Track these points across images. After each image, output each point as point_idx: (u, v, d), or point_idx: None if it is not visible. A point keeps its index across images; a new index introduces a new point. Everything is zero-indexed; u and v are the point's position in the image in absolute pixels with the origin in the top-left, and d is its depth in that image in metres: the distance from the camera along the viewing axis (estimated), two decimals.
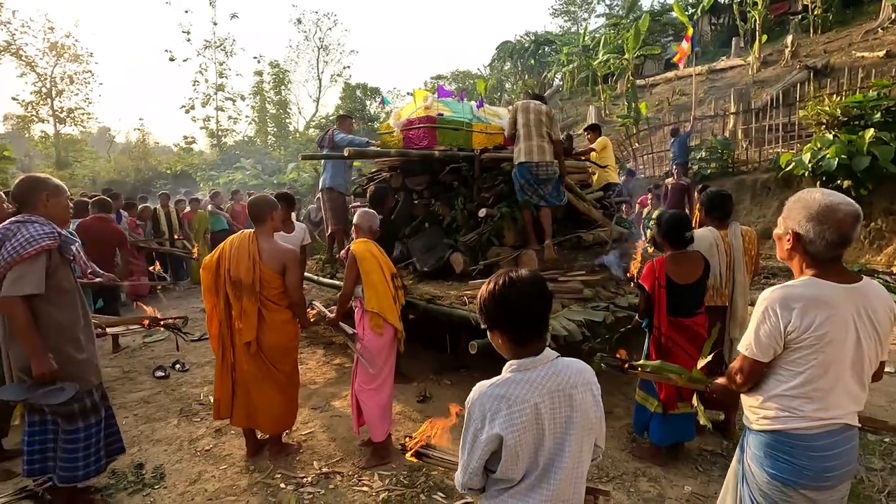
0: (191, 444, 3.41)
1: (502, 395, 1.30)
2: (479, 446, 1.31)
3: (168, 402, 4.12)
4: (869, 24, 16.37)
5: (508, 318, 1.35)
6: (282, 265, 2.95)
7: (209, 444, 3.40)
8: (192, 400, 4.15)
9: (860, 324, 1.51)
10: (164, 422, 3.76)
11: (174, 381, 4.58)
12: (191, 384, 4.51)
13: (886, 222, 8.25)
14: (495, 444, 1.29)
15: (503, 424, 1.27)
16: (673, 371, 2.11)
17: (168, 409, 3.98)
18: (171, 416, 3.85)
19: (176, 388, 4.42)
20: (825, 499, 1.57)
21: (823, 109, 8.93)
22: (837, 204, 1.49)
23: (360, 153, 4.97)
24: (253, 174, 22.50)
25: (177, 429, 3.65)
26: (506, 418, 1.27)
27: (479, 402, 1.32)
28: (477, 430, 1.32)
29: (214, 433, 3.56)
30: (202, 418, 3.81)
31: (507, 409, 1.28)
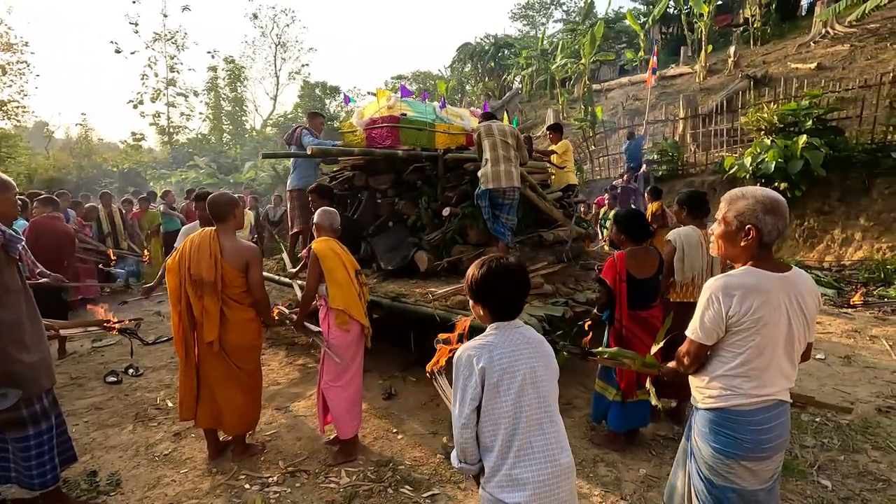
0: (148, 450, 3.30)
1: (485, 343, 1.60)
2: (469, 390, 1.56)
3: (122, 408, 3.96)
4: (802, 38, 17.59)
5: (494, 295, 1.63)
6: (244, 263, 2.91)
7: (168, 449, 3.31)
8: (147, 404, 4.01)
9: (791, 308, 1.67)
10: (119, 428, 3.62)
11: (128, 387, 4.40)
12: (146, 389, 4.35)
13: (818, 222, 8.90)
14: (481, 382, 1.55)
15: (488, 361, 1.56)
16: (629, 357, 2.25)
17: (122, 415, 3.83)
18: (125, 422, 3.71)
19: (130, 394, 4.25)
20: (762, 468, 1.72)
21: (762, 116, 9.54)
22: (778, 197, 1.68)
23: (324, 152, 4.93)
24: (208, 173, 21.73)
25: (132, 434, 3.52)
26: (488, 359, 1.56)
27: (465, 354, 1.60)
28: (466, 378, 1.57)
29: (173, 437, 3.46)
30: (159, 423, 3.69)
31: (488, 353, 1.57)
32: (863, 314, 6.05)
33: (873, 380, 4.19)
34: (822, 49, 16.05)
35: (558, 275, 4.86)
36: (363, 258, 5.10)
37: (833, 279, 7.50)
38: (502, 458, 1.55)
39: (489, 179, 4.28)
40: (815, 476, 2.84)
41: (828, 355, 4.74)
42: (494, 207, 4.35)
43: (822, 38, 16.62)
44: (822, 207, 8.90)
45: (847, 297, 6.72)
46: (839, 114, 9.53)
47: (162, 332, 6.00)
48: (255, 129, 34.23)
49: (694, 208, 3.41)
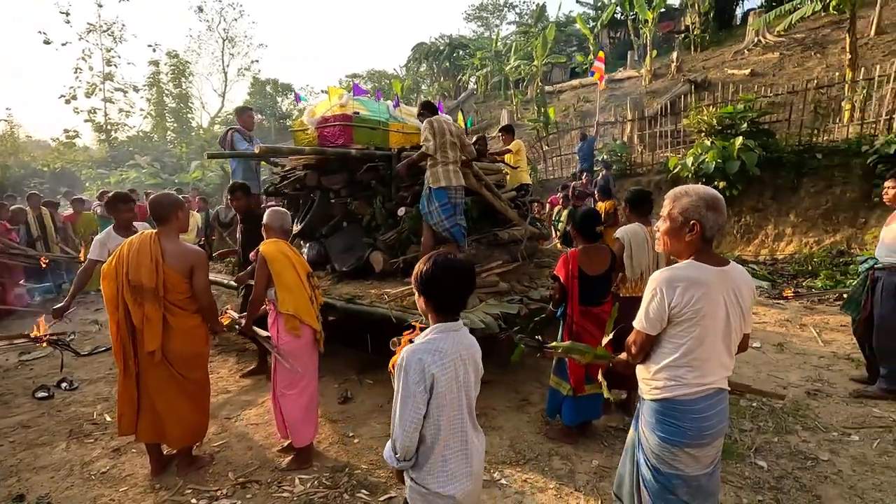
0: (83, 468, 3.09)
1: (435, 349, 1.60)
2: (419, 394, 1.56)
3: (53, 425, 3.68)
4: (737, 46, 18.69)
5: (440, 290, 1.64)
6: (188, 267, 2.77)
7: (106, 466, 3.10)
8: (83, 420, 3.75)
9: (729, 301, 1.75)
10: (50, 447, 3.36)
11: (60, 402, 4.10)
12: (81, 403, 4.07)
13: (753, 218, 9.48)
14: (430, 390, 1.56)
15: (437, 372, 1.56)
16: (581, 350, 2.31)
17: (54, 433, 3.56)
18: (57, 440, 3.45)
19: (63, 409, 3.95)
20: (704, 454, 1.81)
21: (702, 119, 10.07)
22: (717, 194, 1.77)
23: (274, 150, 4.78)
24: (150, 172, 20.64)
25: (66, 453, 3.28)
26: (439, 367, 1.57)
27: (416, 359, 1.58)
28: (416, 383, 1.56)
29: (112, 453, 3.25)
30: (97, 439, 3.46)
31: (439, 360, 1.58)
32: (794, 304, 6.49)
33: (803, 365, 4.49)
34: (756, 56, 17.12)
35: (513, 273, 4.93)
36: (314, 259, 4.99)
37: (767, 272, 8.00)
38: (439, 455, 1.62)
39: (440, 178, 4.18)
40: (753, 458, 3.02)
41: (763, 344, 5.04)
42: (446, 208, 4.26)
43: (755, 47, 17.73)
44: (757, 205, 9.48)
45: (780, 289, 7.19)
46: (770, 117, 10.19)
47: (100, 341, 5.64)
48: (203, 126, 32.82)
49: (638, 206, 3.54)
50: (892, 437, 3.20)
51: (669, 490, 1.82)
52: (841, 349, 4.80)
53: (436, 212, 4.19)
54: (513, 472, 2.95)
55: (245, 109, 5.80)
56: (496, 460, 3.08)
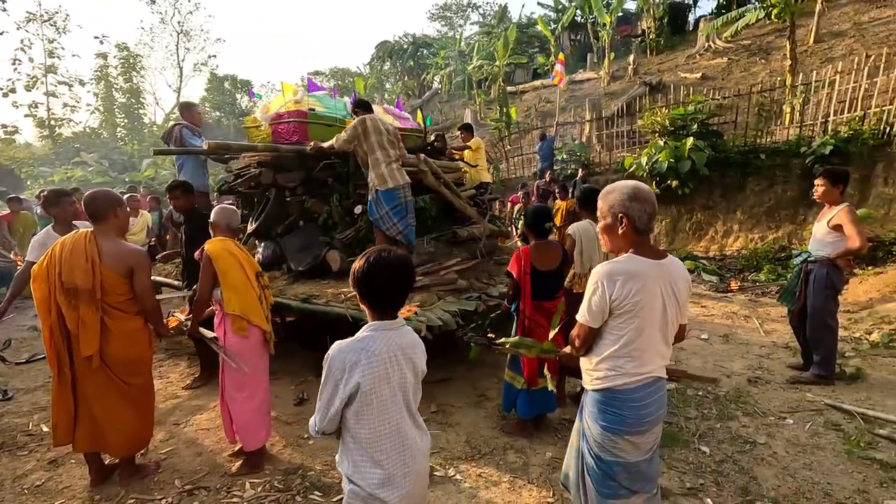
0: (16, 482, 2.91)
1: (362, 347, 1.57)
2: (339, 394, 1.55)
3: None
4: (690, 51, 19.45)
5: (375, 288, 1.62)
6: (128, 268, 2.65)
7: (41, 479, 2.94)
8: (17, 431, 3.53)
9: (665, 292, 1.82)
10: None
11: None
12: (16, 414, 3.83)
13: (704, 216, 9.89)
14: (354, 387, 1.54)
15: (362, 373, 1.54)
16: (529, 345, 2.35)
17: None
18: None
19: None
20: (643, 441, 1.87)
21: (656, 120, 10.42)
22: (641, 185, 1.84)
23: (224, 147, 4.63)
24: (98, 170, 19.65)
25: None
26: (365, 367, 1.54)
27: (340, 356, 1.56)
28: (338, 381, 1.56)
29: (48, 465, 3.07)
30: (31, 451, 3.26)
31: (366, 359, 1.55)
32: (740, 297, 6.82)
33: (746, 354, 4.72)
34: (706, 61, 17.87)
35: (472, 270, 4.97)
36: (269, 258, 4.88)
37: (716, 267, 8.38)
38: (373, 456, 1.60)
39: (387, 179, 4.08)
40: (697, 444, 3.15)
41: (711, 335, 5.27)
42: (398, 210, 4.14)
43: (706, 52, 18.50)
44: (707, 203, 9.89)
45: (727, 282, 7.53)
46: (719, 119, 10.66)
47: (38, 348, 5.32)
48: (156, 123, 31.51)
49: (588, 204, 3.63)
50: (822, 419, 3.41)
51: (611, 477, 1.88)
52: (780, 339, 5.08)
53: (387, 216, 4.10)
54: (468, 468, 2.97)
55: (191, 105, 5.59)
56: (452, 456, 3.10)
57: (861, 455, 2.94)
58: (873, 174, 8.22)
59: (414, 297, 4.05)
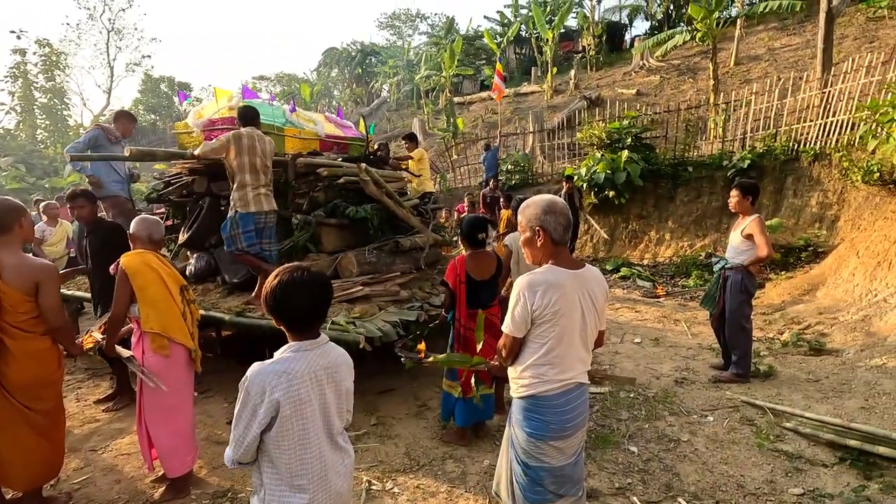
0: None
1: (283, 370, 1.49)
2: (258, 419, 1.46)
3: None
4: (626, 68, 20.58)
5: (290, 310, 1.54)
6: (32, 284, 2.44)
7: None
8: None
9: (584, 301, 1.90)
10: None
11: None
12: None
13: (638, 224, 10.42)
14: (273, 411, 1.46)
15: (282, 396, 1.46)
16: (458, 360, 2.39)
17: None
18: None
19: None
20: (567, 445, 1.93)
21: (594, 133, 10.91)
22: (554, 199, 1.92)
23: (148, 154, 4.40)
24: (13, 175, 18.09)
25: None
26: (286, 390, 1.47)
27: (259, 380, 1.47)
28: (256, 405, 1.47)
29: None
30: None
31: (287, 383, 1.48)
32: (669, 302, 7.22)
33: (674, 356, 5.00)
34: (641, 78, 18.95)
35: (415, 280, 4.98)
36: (202, 270, 4.67)
37: (650, 273, 8.83)
38: (292, 483, 1.53)
39: (250, 202, 3.88)
40: (626, 444, 3.29)
41: (643, 339, 5.54)
42: (249, 235, 3.95)
43: (641, 69, 19.62)
44: (642, 212, 10.44)
45: (655, 288, 7.95)
46: (651, 133, 11.30)
47: None
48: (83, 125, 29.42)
49: None
50: (738, 415, 3.65)
51: (538, 482, 1.93)
52: (705, 341, 5.41)
53: (238, 237, 3.91)
54: (406, 480, 2.95)
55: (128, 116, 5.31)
56: (390, 469, 3.07)
57: (770, 447, 3.18)
58: (784, 186, 8.98)
59: (355, 307, 4.00)
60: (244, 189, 3.91)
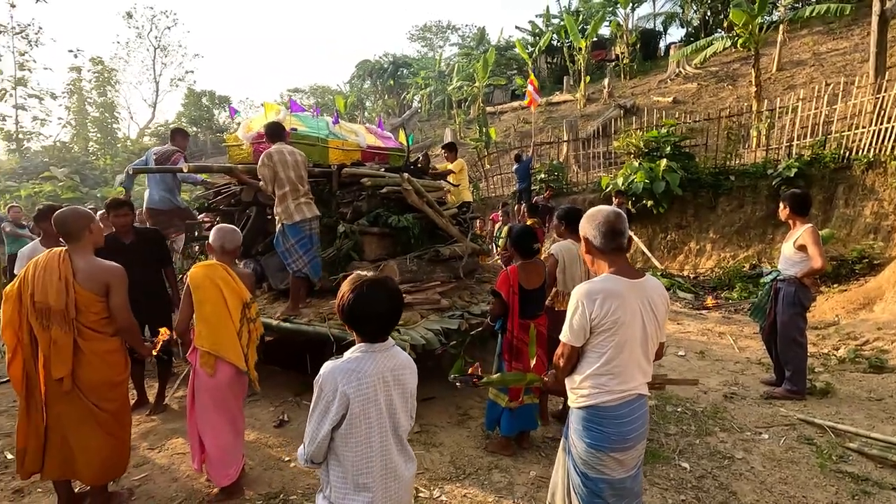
0: None
1: (353, 368, 1.55)
2: (330, 415, 1.52)
3: None
4: (661, 76, 20.22)
5: (364, 320, 1.60)
6: (103, 286, 2.58)
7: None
8: None
9: (644, 310, 1.88)
10: None
11: None
12: None
13: (678, 235, 10.18)
14: (344, 408, 1.52)
15: (353, 394, 1.52)
16: (513, 378, 2.39)
17: None
18: None
19: None
20: (627, 458, 1.91)
21: (631, 141, 10.76)
22: (602, 208, 1.95)
23: (203, 168, 4.60)
24: (68, 186, 19.10)
25: None
26: (356, 388, 1.53)
27: (332, 377, 1.54)
28: (329, 402, 1.53)
29: (13, 494, 2.93)
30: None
31: (356, 381, 1.53)
32: (713, 314, 7.00)
33: (721, 371, 4.84)
34: (677, 86, 18.58)
35: (455, 289, 5.00)
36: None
37: (691, 285, 8.60)
38: (357, 481, 1.57)
39: (293, 214, 4.04)
40: (677, 460, 3.20)
41: (687, 352, 5.39)
42: (304, 242, 4.10)
43: (677, 77, 19.25)
44: (681, 222, 10.20)
45: (702, 300, 7.73)
46: (690, 141, 11.06)
47: (2, 371, 5.09)
48: (130, 138, 30.92)
49: (571, 223, 3.71)
50: (795, 434, 3.50)
51: (597, 494, 1.90)
52: (754, 355, 5.22)
53: (293, 249, 4.07)
54: (452, 488, 2.95)
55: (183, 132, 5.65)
56: (437, 477, 3.08)
57: (833, 468, 3.03)
58: (835, 196, 8.62)
59: None
60: (286, 201, 4.06)
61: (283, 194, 4.02)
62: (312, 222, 4.21)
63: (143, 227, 4.74)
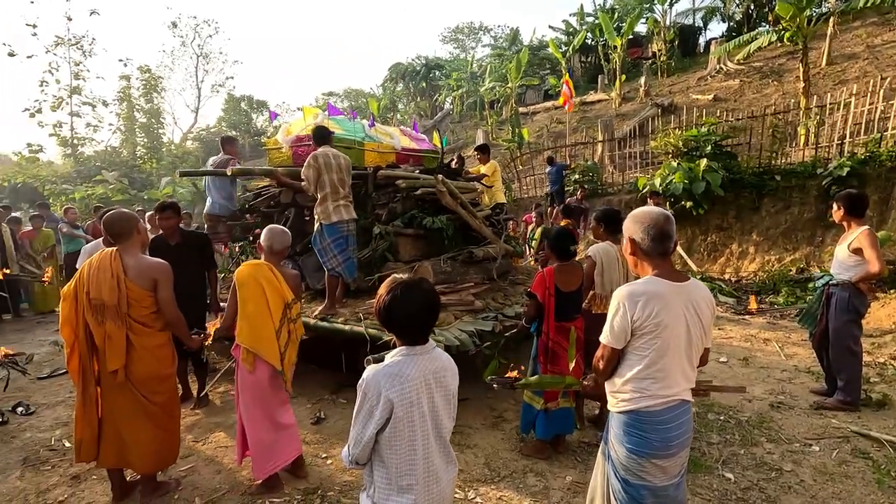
0: (39, 497, 2.94)
1: (396, 373, 1.56)
2: (374, 419, 1.53)
3: (7, 452, 3.50)
4: (701, 73, 19.58)
5: (402, 322, 1.60)
6: (152, 282, 2.71)
7: (63, 495, 2.96)
8: (39, 446, 3.58)
9: (688, 314, 1.83)
10: (3, 475, 3.19)
11: (15, 427, 3.90)
12: (38, 428, 3.88)
13: (718, 237, 9.82)
14: (388, 412, 1.53)
15: (396, 397, 1.53)
16: (552, 381, 2.36)
17: (7, 460, 3.38)
18: (11, 468, 3.28)
19: (18, 435, 3.77)
20: (671, 465, 1.85)
21: (669, 141, 10.46)
22: (651, 209, 1.91)
23: (246, 172, 4.77)
24: (118, 188, 20.07)
25: (20, 481, 3.12)
26: (399, 392, 1.53)
27: (375, 382, 1.55)
28: (373, 406, 1.54)
29: (70, 481, 3.10)
30: (54, 466, 3.30)
31: (399, 385, 1.54)
32: (757, 320, 6.72)
33: (767, 378, 4.64)
34: (718, 83, 17.95)
35: (488, 290, 4.99)
36: None
37: (733, 289, 8.28)
38: (401, 482, 1.58)
39: (331, 214, 4.16)
40: (720, 470, 3.09)
41: (729, 358, 5.20)
42: (339, 242, 4.21)
43: (718, 73, 18.60)
44: (722, 224, 9.84)
45: (745, 304, 7.43)
46: (732, 140, 10.66)
47: (59, 364, 5.40)
48: (174, 142, 32.23)
49: (610, 225, 3.64)
50: (849, 447, 3.33)
51: (638, 501, 1.86)
52: (802, 363, 4.99)
53: (328, 248, 4.19)
54: (487, 490, 2.95)
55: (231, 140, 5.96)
56: (471, 478, 3.07)
57: (892, 485, 2.86)
58: (892, 196, 8.13)
59: None
60: (325, 202, 4.17)
61: (323, 195, 4.15)
62: (349, 224, 4.31)
63: (190, 230, 4.94)
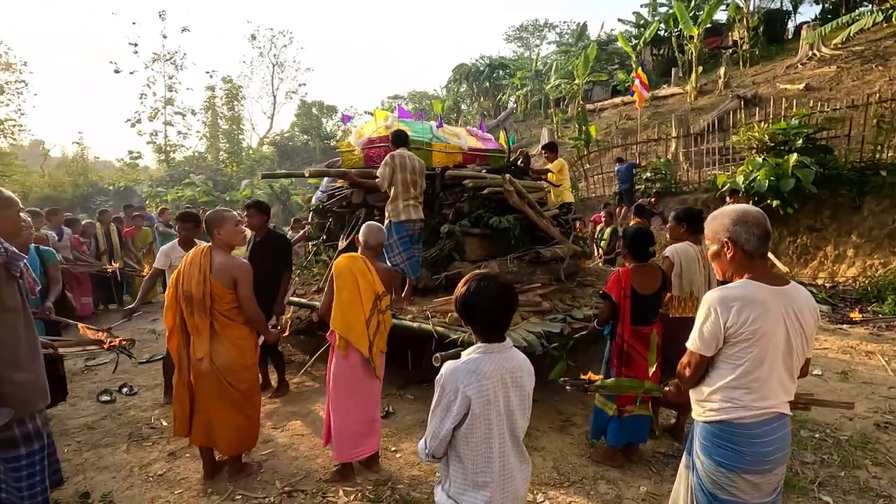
0: (142, 470, 3.25)
1: (474, 370, 1.57)
2: (452, 415, 1.56)
3: (115, 427, 3.90)
4: (790, 60, 18.01)
5: (480, 314, 1.62)
6: (232, 279, 2.91)
7: (162, 469, 3.25)
8: (142, 424, 3.95)
9: (789, 321, 1.69)
10: (112, 448, 3.56)
11: (121, 406, 4.34)
12: (140, 408, 4.29)
13: (810, 238, 9.00)
14: (465, 409, 1.54)
15: (473, 394, 1.54)
16: (629, 385, 2.27)
17: (115, 435, 3.77)
18: (119, 442, 3.65)
19: (123, 413, 4.19)
20: (765, 482, 1.72)
21: (753, 135, 9.71)
22: (746, 207, 1.77)
23: (322, 173, 5.00)
24: (204, 190, 21.79)
25: (126, 454, 3.46)
26: (476, 389, 1.54)
27: (453, 378, 1.57)
28: (450, 402, 1.56)
29: (168, 457, 3.40)
30: (154, 442, 3.63)
31: (477, 382, 1.55)
32: (857, 330, 6.08)
33: (871, 395, 4.19)
34: (810, 70, 16.43)
35: (556, 291, 4.89)
36: None
37: (827, 295, 7.55)
38: (476, 478, 1.59)
39: (400, 213, 4.37)
40: (817, 492, 2.83)
41: (825, 371, 4.74)
42: (405, 241, 4.40)
43: (809, 60, 17.02)
44: (814, 224, 9.00)
45: (842, 313, 6.75)
46: (828, 133, 9.72)
47: (157, 350, 5.93)
48: (252, 147, 34.41)
49: (692, 224, 3.45)
50: None
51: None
52: None
53: (395, 244, 4.38)
54: (557, 495, 2.89)
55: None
56: (539, 481, 3.03)
57: None
58: None
59: None
60: (396, 201, 4.35)
61: (395, 194, 4.35)
62: (416, 224, 4.46)
63: (274, 230, 5.23)
